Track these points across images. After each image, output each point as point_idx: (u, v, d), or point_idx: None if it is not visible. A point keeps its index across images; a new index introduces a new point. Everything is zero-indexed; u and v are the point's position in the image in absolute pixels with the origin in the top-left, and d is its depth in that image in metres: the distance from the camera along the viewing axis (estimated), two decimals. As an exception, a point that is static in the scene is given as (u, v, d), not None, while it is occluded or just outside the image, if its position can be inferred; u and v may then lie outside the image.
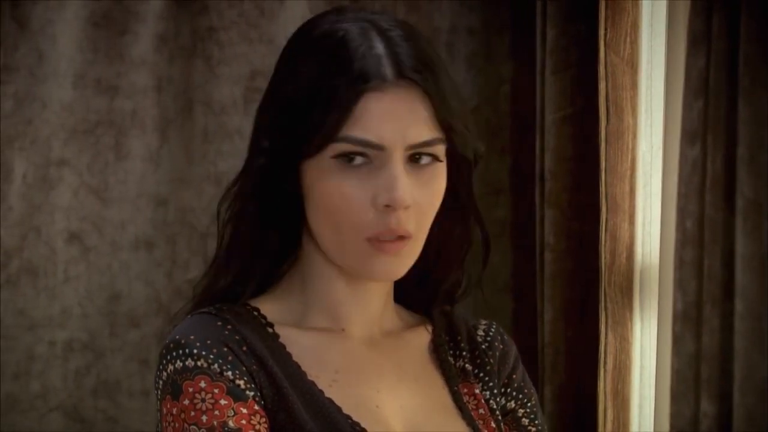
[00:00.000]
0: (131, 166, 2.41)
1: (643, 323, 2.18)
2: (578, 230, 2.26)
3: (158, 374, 1.38)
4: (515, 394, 1.53)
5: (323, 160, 1.36)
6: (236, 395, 1.34)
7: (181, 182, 2.42)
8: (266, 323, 1.43)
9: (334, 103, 1.34)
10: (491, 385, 1.51)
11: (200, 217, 2.42)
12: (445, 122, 1.37)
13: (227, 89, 2.42)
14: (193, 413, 1.33)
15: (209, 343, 1.36)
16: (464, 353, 1.52)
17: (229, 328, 1.39)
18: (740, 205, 1.69)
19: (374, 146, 1.34)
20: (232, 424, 1.33)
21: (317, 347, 1.43)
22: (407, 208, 1.35)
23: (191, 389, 1.34)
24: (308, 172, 1.38)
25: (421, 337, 1.51)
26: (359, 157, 1.35)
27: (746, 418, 1.68)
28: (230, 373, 1.35)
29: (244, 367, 1.36)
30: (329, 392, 1.39)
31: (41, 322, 2.38)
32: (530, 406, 1.54)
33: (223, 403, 1.34)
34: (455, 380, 1.49)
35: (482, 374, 1.52)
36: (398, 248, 1.37)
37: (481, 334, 1.55)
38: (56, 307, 2.39)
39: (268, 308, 1.44)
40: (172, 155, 2.42)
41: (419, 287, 1.51)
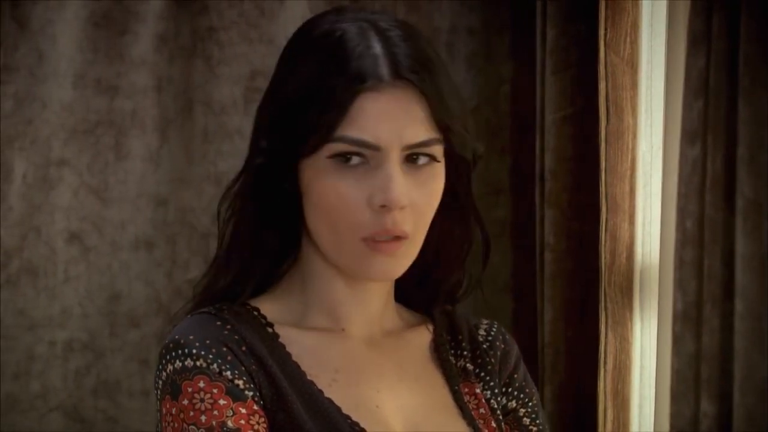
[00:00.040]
0: (131, 166, 2.40)
1: (643, 323, 2.18)
2: (578, 230, 2.26)
3: (158, 374, 1.38)
4: (516, 393, 1.53)
5: (320, 159, 1.36)
6: (235, 395, 1.34)
7: (181, 182, 2.42)
8: (266, 323, 1.43)
9: (330, 102, 1.34)
10: (492, 384, 1.51)
11: (200, 217, 2.42)
12: (442, 123, 1.37)
13: (227, 89, 2.42)
14: (192, 413, 1.33)
15: (208, 343, 1.36)
16: (465, 353, 1.52)
17: (228, 328, 1.39)
18: (740, 205, 1.69)
19: (370, 146, 1.34)
20: (230, 424, 1.33)
21: (317, 347, 1.43)
22: (403, 208, 1.35)
23: (190, 389, 1.34)
24: (306, 171, 1.38)
25: (422, 336, 1.51)
26: (356, 157, 1.35)
27: (746, 418, 1.67)
28: (229, 373, 1.35)
29: (243, 367, 1.36)
30: (329, 392, 1.39)
31: (41, 322, 2.38)
32: (531, 405, 1.54)
33: (222, 403, 1.34)
34: (456, 380, 1.49)
35: (483, 374, 1.51)
36: (394, 248, 1.36)
37: (482, 333, 1.55)
38: (56, 307, 2.38)
39: (268, 308, 1.44)
40: (172, 155, 2.41)
41: (420, 287, 1.51)
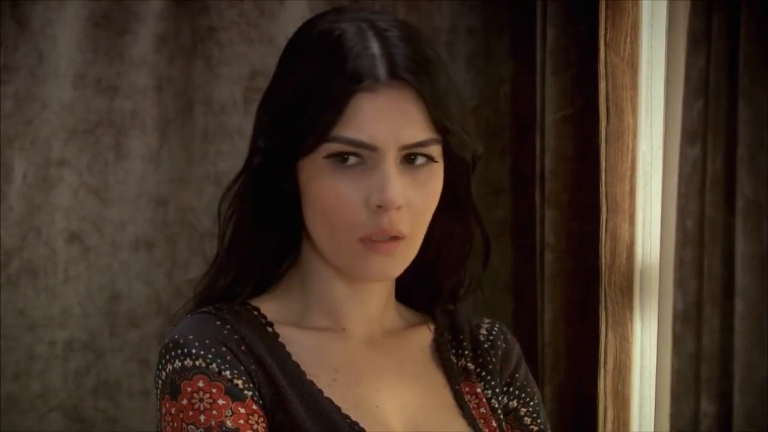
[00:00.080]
0: (131, 166, 2.40)
1: (643, 323, 2.18)
2: (578, 230, 2.26)
3: (158, 374, 1.38)
4: (517, 393, 1.53)
5: (317, 159, 1.36)
6: (234, 395, 1.34)
7: (181, 182, 2.42)
8: (266, 323, 1.43)
9: (327, 102, 1.34)
10: (493, 384, 1.51)
11: (200, 217, 2.42)
12: (439, 123, 1.36)
13: (227, 89, 2.42)
14: (191, 413, 1.33)
15: (208, 342, 1.36)
16: (466, 352, 1.52)
17: (228, 327, 1.39)
18: (740, 205, 1.69)
19: (366, 146, 1.34)
20: (229, 423, 1.33)
21: (317, 347, 1.43)
22: (399, 208, 1.35)
23: (189, 389, 1.34)
24: (304, 171, 1.38)
25: (423, 335, 1.51)
26: (353, 157, 1.35)
27: (746, 418, 1.67)
28: (228, 372, 1.35)
29: (242, 366, 1.36)
30: (328, 392, 1.39)
31: (41, 322, 2.38)
32: (533, 405, 1.54)
33: (221, 402, 1.34)
34: (457, 379, 1.49)
35: (484, 373, 1.51)
36: (391, 249, 1.36)
37: (483, 333, 1.55)
38: (56, 307, 2.38)
39: (268, 308, 1.44)
40: (172, 155, 2.41)
41: (421, 286, 1.51)
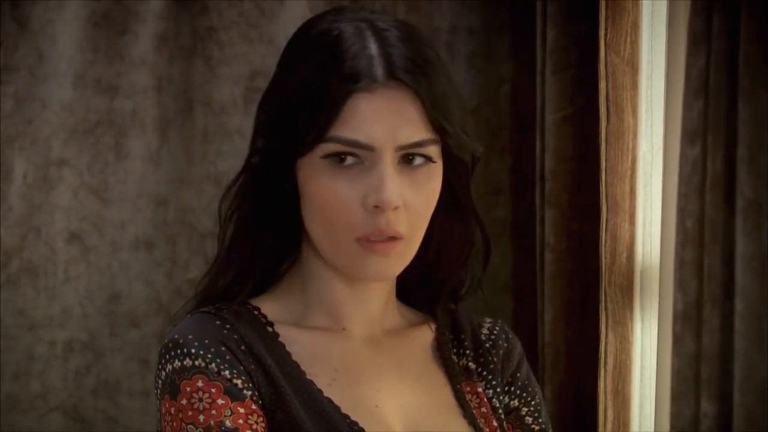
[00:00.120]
0: (131, 166, 2.40)
1: (643, 323, 2.18)
2: (578, 230, 2.26)
3: (157, 373, 1.38)
4: (519, 392, 1.53)
5: (315, 159, 1.36)
6: (233, 395, 1.34)
7: (181, 182, 2.42)
8: (266, 322, 1.43)
9: (324, 102, 1.34)
10: (494, 383, 1.51)
11: (200, 217, 2.42)
12: (437, 123, 1.36)
13: (227, 89, 2.42)
14: (190, 413, 1.33)
15: (207, 342, 1.36)
16: (468, 351, 1.52)
17: (227, 327, 1.39)
18: (740, 205, 1.68)
19: (363, 146, 1.34)
20: (228, 423, 1.33)
21: (317, 346, 1.43)
22: (397, 209, 1.35)
23: (189, 389, 1.34)
24: (302, 171, 1.38)
25: (424, 335, 1.51)
26: (350, 157, 1.35)
27: (746, 418, 1.67)
28: (228, 372, 1.35)
29: (242, 366, 1.36)
30: (328, 391, 1.39)
31: (41, 322, 2.38)
32: (534, 404, 1.54)
33: (220, 402, 1.34)
34: (458, 378, 1.49)
35: (485, 372, 1.51)
36: (389, 249, 1.36)
37: (485, 332, 1.55)
38: (56, 307, 2.38)
39: (268, 307, 1.44)
40: (172, 155, 2.41)
41: (422, 286, 1.51)
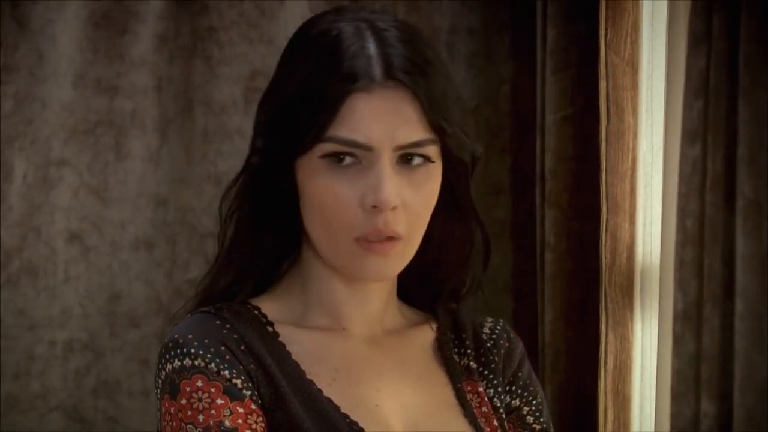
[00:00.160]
0: (131, 166, 2.40)
1: (643, 323, 2.18)
2: (578, 230, 2.26)
3: (157, 373, 1.38)
4: (520, 391, 1.53)
5: (313, 159, 1.36)
6: (233, 394, 1.34)
7: (181, 182, 2.42)
8: (266, 322, 1.43)
9: (322, 102, 1.34)
10: (495, 383, 1.51)
11: (200, 217, 2.42)
12: (435, 124, 1.36)
13: (227, 89, 2.42)
14: (190, 412, 1.33)
15: (207, 342, 1.36)
16: (469, 351, 1.52)
17: (227, 327, 1.39)
18: (740, 205, 1.69)
19: (361, 146, 1.34)
20: (228, 423, 1.33)
21: (317, 346, 1.43)
22: (395, 209, 1.35)
23: (188, 388, 1.34)
24: (300, 171, 1.38)
25: (425, 334, 1.51)
26: (348, 157, 1.35)
27: (746, 418, 1.67)
28: (227, 372, 1.35)
29: (241, 366, 1.36)
30: (328, 391, 1.39)
31: (41, 322, 2.38)
32: (535, 404, 1.54)
33: (219, 402, 1.34)
34: (459, 378, 1.49)
35: (487, 372, 1.51)
36: (387, 249, 1.36)
37: (486, 332, 1.55)
38: (56, 307, 2.38)
39: (268, 307, 1.44)
40: (172, 155, 2.41)
41: (423, 286, 1.51)
